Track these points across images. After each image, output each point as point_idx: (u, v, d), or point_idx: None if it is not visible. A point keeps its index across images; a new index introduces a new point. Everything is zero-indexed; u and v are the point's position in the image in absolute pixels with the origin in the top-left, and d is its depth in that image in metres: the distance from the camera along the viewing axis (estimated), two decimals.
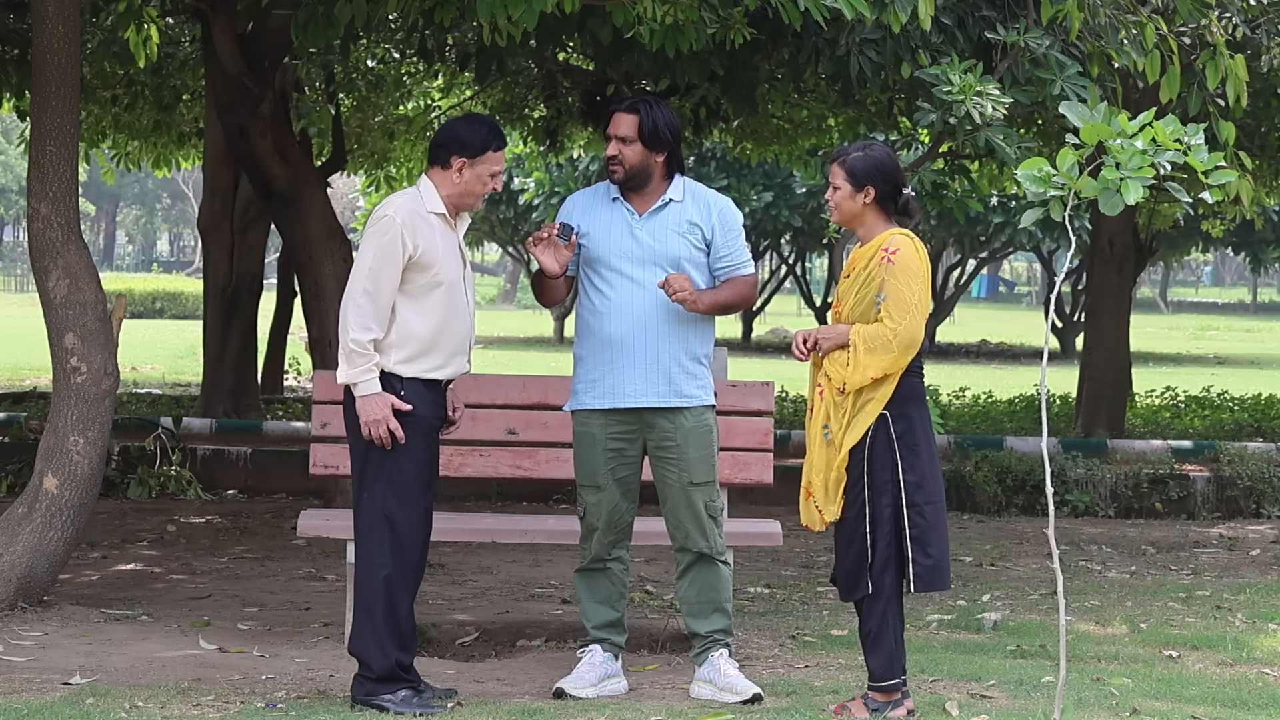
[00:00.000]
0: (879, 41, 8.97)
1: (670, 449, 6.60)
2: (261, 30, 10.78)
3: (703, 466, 6.63)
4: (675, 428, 6.60)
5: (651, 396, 6.58)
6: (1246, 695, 6.68)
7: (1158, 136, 5.16)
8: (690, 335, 6.64)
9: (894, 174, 6.21)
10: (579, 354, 6.71)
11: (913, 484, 6.09)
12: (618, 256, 6.61)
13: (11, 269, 67.42)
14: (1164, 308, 64.52)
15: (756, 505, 10.96)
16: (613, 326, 6.59)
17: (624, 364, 6.58)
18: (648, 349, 6.57)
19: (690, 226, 6.63)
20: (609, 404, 6.61)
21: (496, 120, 6.68)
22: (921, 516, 6.09)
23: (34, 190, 8.08)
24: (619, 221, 6.66)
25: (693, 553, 6.64)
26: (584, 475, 6.69)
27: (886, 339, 6.03)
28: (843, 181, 6.20)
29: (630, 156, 6.62)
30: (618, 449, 6.64)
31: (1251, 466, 13.00)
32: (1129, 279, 16.35)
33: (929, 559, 6.10)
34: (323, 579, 9.33)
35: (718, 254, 6.67)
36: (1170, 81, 8.71)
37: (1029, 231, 30.68)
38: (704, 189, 6.77)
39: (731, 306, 6.78)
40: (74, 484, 7.96)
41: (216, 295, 16.05)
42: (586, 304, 6.68)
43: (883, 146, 6.30)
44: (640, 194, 6.67)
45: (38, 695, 6.41)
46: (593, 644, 6.69)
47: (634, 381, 6.58)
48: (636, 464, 6.69)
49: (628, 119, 6.63)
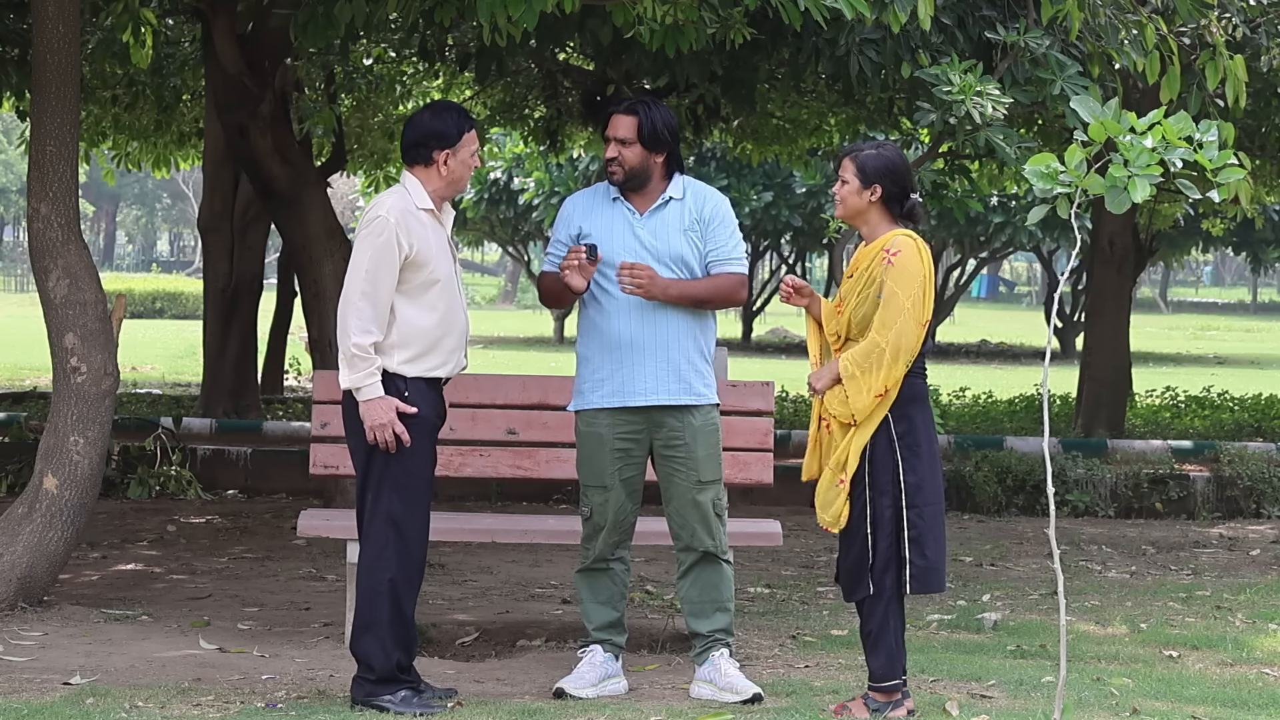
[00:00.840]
0: (879, 41, 8.97)
1: (679, 448, 6.60)
2: (261, 30, 10.78)
3: (710, 465, 6.62)
4: (684, 426, 6.60)
5: (663, 394, 6.57)
6: (1246, 695, 6.67)
7: (1167, 134, 5.14)
8: (698, 333, 6.64)
9: (903, 176, 6.19)
10: (584, 353, 6.70)
11: (913, 485, 6.09)
12: (621, 256, 6.60)
13: (12, 269, 67.41)
14: (1164, 308, 64.54)
15: (756, 505, 10.96)
16: (621, 325, 6.58)
17: (634, 362, 6.57)
18: (658, 346, 6.57)
19: (692, 223, 6.63)
20: (618, 402, 6.59)
21: (461, 105, 6.68)
22: (920, 518, 6.09)
23: (34, 190, 8.08)
24: (620, 221, 6.65)
25: (698, 552, 6.63)
26: (590, 475, 6.68)
27: (881, 351, 6.00)
28: (852, 176, 6.18)
29: (630, 158, 6.62)
30: (625, 449, 6.63)
31: (1251, 466, 13.00)
32: (1129, 279, 16.35)
33: (925, 560, 6.09)
34: (323, 579, 9.33)
35: (706, 245, 6.64)
36: (1170, 82, 8.71)
37: (1029, 231, 30.68)
38: (703, 185, 6.76)
39: (707, 301, 6.65)
40: (74, 484, 7.96)
41: (216, 295, 16.05)
42: (592, 304, 6.67)
43: (896, 148, 6.28)
44: (640, 194, 6.67)
45: (38, 695, 6.41)
46: (593, 644, 6.68)
47: (645, 379, 6.57)
48: (642, 464, 6.68)
49: (626, 120, 6.62)
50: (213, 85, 11.50)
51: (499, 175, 30.44)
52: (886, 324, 6.00)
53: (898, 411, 6.08)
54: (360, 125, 16.45)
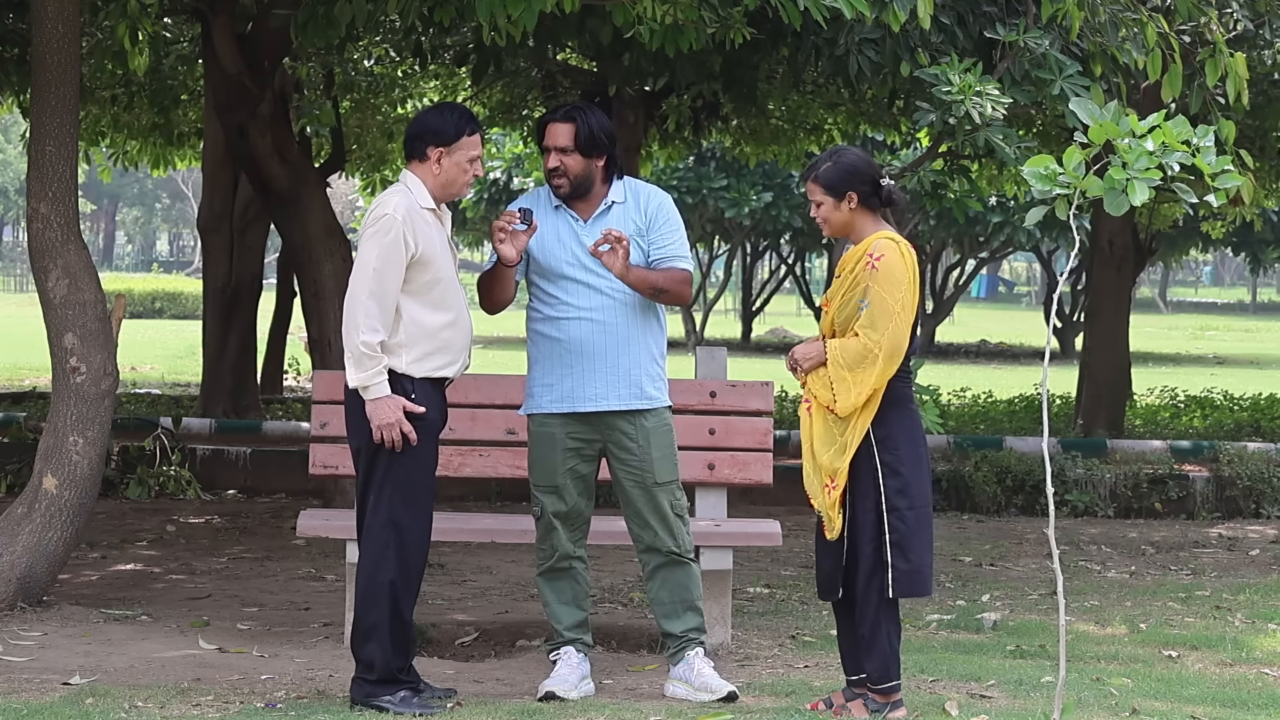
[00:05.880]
0: (878, 41, 8.96)
1: (632, 450, 6.58)
2: (261, 30, 10.78)
3: (665, 465, 6.61)
4: (637, 429, 6.58)
5: (613, 400, 6.56)
6: (1246, 695, 6.67)
7: (1166, 138, 5.14)
8: (649, 336, 6.61)
9: (869, 172, 6.14)
10: (534, 356, 6.67)
11: (894, 489, 6.06)
12: (567, 264, 6.57)
13: (11, 269, 67.40)
14: (1163, 308, 64.52)
15: (756, 505, 10.95)
16: (572, 331, 6.55)
17: (583, 368, 6.54)
18: (607, 353, 6.54)
19: (639, 229, 6.60)
20: (568, 408, 6.58)
21: (467, 107, 6.64)
22: (903, 521, 6.05)
23: (33, 190, 8.08)
24: (564, 228, 6.62)
25: (661, 553, 6.63)
26: (541, 476, 6.65)
27: (872, 352, 5.98)
28: (822, 196, 6.14)
29: (572, 166, 6.59)
30: (576, 448, 6.61)
31: (1251, 466, 13.00)
32: (1128, 279, 16.34)
33: (908, 564, 6.06)
34: (322, 579, 9.32)
35: (652, 243, 6.60)
36: (1172, 80, 8.70)
37: (1028, 231, 30.68)
38: (643, 185, 6.73)
39: (664, 292, 6.59)
40: (73, 484, 7.96)
41: (216, 295, 16.05)
42: (538, 310, 6.63)
43: (847, 149, 6.24)
44: (584, 200, 6.63)
45: (37, 695, 6.40)
46: (566, 645, 6.67)
47: (594, 385, 6.55)
48: (595, 461, 6.66)
49: (564, 128, 6.59)
50: (212, 85, 11.50)
51: (498, 175, 30.41)
52: (878, 326, 5.97)
53: (876, 416, 6.06)
54: (360, 125, 16.45)
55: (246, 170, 11.61)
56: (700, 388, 7.71)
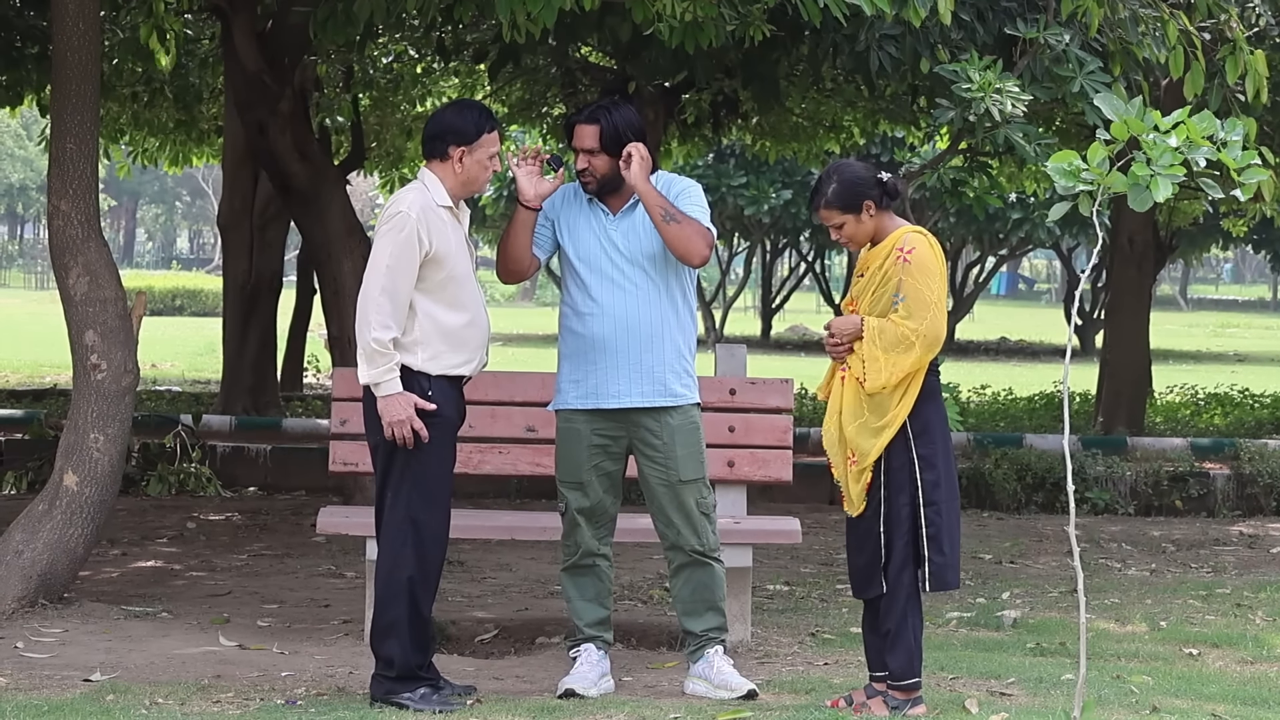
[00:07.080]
0: (898, 37, 8.95)
1: (657, 448, 6.57)
2: (281, 27, 10.79)
3: (691, 464, 6.59)
4: (662, 426, 6.57)
5: (637, 397, 6.55)
6: (1267, 693, 6.66)
7: (1190, 133, 5.12)
8: (676, 333, 6.60)
9: (870, 176, 6.12)
10: (563, 352, 6.68)
11: (930, 482, 6.07)
12: (596, 257, 6.58)
13: (32, 266, 67.56)
14: (1184, 305, 64.39)
15: (776, 503, 10.96)
16: (595, 328, 6.55)
17: (608, 365, 6.54)
18: (630, 350, 6.54)
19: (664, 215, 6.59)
20: (592, 404, 6.57)
21: (485, 105, 6.64)
22: (939, 515, 6.07)
23: (54, 188, 8.09)
24: (595, 222, 6.63)
25: (685, 552, 6.62)
26: (566, 472, 6.65)
27: (909, 339, 5.99)
28: (840, 216, 6.12)
29: (599, 166, 6.59)
30: (603, 445, 6.60)
31: (1272, 464, 12.98)
32: (1149, 276, 16.32)
33: (943, 557, 6.08)
34: (342, 576, 9.34)
35: None
36: (1194, 77, 8.67)
37: (1048, 228, 30.62)
38: (675, 176, 6.72)
39: (679, 236, 6.46)
40: (94, 481, 7.98)
41: (236, 292, 16.08)
42: (569, 304, 6.65)
43: (841, 162, 6.25)
44: (615, 195, 6.64)
45: (58, 692, 6.42)
46: (586, 642, 6.67)
47: (618, 382, 6.54)
48: (621, 459, 6.66)
49: (589, 130, 6.59)
50: (232, 83, 11.51)
51: None
52: (916, 317, 5.98)
53: (912, 409, 6.06)
54: (379, 123, 16.46)
55: (266, 167, 11.62)
56: (720, 385, 7.70)
